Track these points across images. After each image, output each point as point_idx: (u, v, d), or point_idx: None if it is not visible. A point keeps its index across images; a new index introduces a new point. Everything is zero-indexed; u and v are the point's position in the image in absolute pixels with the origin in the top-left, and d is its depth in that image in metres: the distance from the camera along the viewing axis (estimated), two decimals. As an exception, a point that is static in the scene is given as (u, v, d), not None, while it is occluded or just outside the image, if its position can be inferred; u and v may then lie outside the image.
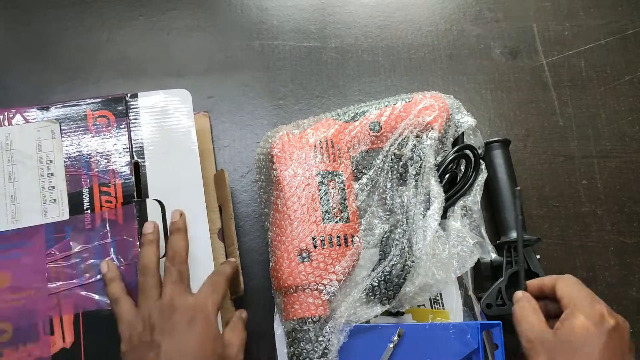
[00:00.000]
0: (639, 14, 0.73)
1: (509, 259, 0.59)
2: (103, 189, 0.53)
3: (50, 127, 0.54)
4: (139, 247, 0.51)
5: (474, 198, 0.58)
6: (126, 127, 0.54)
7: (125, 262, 0.51)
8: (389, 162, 0.57)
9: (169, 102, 0.56)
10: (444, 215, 0.56)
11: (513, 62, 0.70)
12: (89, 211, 0.52)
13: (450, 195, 0.57)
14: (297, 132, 0.57)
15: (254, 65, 0.69)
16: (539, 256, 0.59)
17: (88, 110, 0.55)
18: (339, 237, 0.52)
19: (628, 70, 0.70)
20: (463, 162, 0.59)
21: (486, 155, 0.62)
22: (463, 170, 0.58)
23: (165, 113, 0.55)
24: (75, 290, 0.50)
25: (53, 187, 0.52)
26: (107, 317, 0.49)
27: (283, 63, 0.69)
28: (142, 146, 0.54)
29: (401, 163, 0.57)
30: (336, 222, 0.53)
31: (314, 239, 0.52)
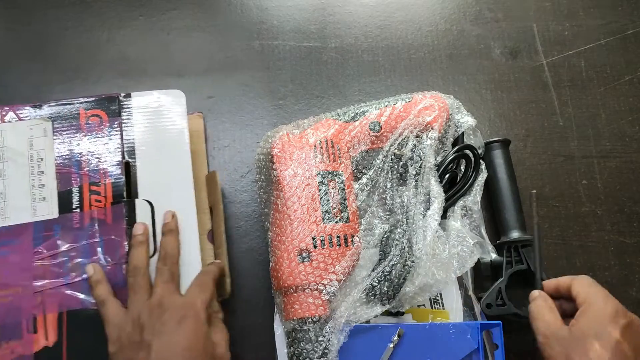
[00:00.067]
0: (639, 14, 0.72)
1: (509, 259, 0.59)
2: (93, 188, 0.52)
3: (42, 125, 0.54)
4: (129, 248, 0.50)
5: (474, 198, 0.58)
6: (119, 127, 0.54)
7: (113, 262, 0.51)
8: (389, 162, 0.57)
9: (163, 102, 0.56)
10: (444, 215, 0.56)
11: (513, 62, 0.70)
12: (78, 210, 0.52)
13: (450, 195, 0.57)
14: (297, 132, 0.57)
15: (254, 65, 0.69)
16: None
17: (81, 109, 0.55)
18: (339, 237, 0.52)
19: (628, 70, 0.70)
20: (463, 162, 0.59)
21: (486, 155, 0.62)
22: (463, 170, 0.58)
23: (159, 113, 0.55)
24: (60, 289, 0.50)
25: (43, 186, 0.52)
26: (92, 317, 0.49)
27: (283, 63, 0.69)
28: (134, 146, 0.54)
29: (401, 163, 0.57)
30: (336, 222, 0.53)
31: (314, 239, 0.52)
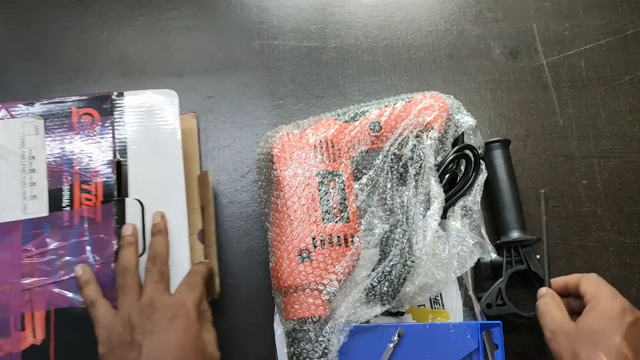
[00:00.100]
0: (639, 14, 0.72)
1: (509, 259, 0.59)
2: (84, 186, 0.52)
3: (34, 123, 0.53)
4: (118, 248, 0.50)
5: (474, 198, 0.58)
6: (111, 126, 0.54)
7: (102, 261, 0.50)
8: (389, 162, 0.57)
9: (156, 101, 0.55)
10: (444, 215, 0.56)
11: (513, 62, 0.70)
12: (68, 208, 0.51)
13: (450, 195, 0.57)
14: (297, 132, 0.57)
15: (254, 65, 0.69)
16: (539, 256, 0.59)
17: (73, 108, 0.55)
18: (339, 237, 0.52)
19: (628, 70, 0.70)
20: (463, 162, 0.59)
21: (486, 155, 0.62)
22: (463, 170, 0.58)
23: (151, 113, 0.55)
24: (48, 287, 0.50)
25: (34, 184, 0.52)
26: (80, 315, 0.48)
27: (283, 63, 0.69)
28: (126, 145, 0.54)
29: (401, 163, 0.57)
30: (336, 222, 0.53)
31: (314, 239, 0.52)
